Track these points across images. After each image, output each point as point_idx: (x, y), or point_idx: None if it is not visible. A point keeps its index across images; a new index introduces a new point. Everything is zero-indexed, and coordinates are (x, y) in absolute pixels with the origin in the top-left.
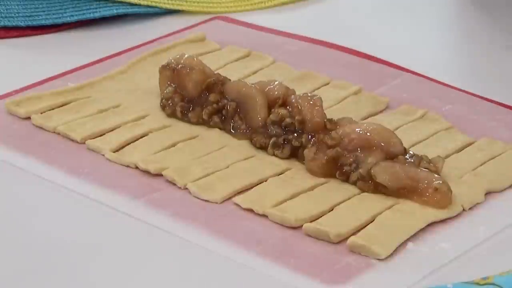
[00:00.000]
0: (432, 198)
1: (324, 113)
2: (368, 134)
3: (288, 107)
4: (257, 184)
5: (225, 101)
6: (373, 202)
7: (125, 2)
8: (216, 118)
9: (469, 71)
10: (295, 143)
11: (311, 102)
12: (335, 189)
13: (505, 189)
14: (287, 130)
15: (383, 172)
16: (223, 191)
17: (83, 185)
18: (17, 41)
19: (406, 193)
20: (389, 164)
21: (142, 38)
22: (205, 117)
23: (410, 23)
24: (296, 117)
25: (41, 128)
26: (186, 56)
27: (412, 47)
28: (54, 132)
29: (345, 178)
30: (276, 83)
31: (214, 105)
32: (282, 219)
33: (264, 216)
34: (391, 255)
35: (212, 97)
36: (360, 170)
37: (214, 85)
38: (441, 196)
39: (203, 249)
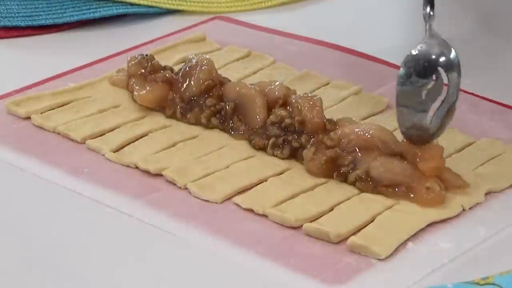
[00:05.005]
0: (426, 197)
1: (324, 114)
2: (367, 135)
3: (288, 107)
4: (257, 184)
5: (223, 103)
6: (373, 202)
7: (125, 2)
8: (214, 120)
9: (469, 71)
10: (295, 144)
11: (311, 103)
12: (335, 189)
13: (505, 189)
14: (287, 130)
15: (379, 166)
16: (223, 191)
17: (83, 185)
18: (17, 41)
19: (402, 193)
20: (387, 160)
21: (142, 38)
22: (203, 120)
23: (410, 23)
24: (296, 118)
25: (41, 128)
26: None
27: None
28: (54, 132)
29: (343, 179)
30: (276, 83)
31: (212, 108)
32: (282, 219)
33: (264, 216)
34: (391, 255)
35: (209, 101)
36: (358, 171)
37: (214, 87)
38: (434, 195)
39: (203, 249)
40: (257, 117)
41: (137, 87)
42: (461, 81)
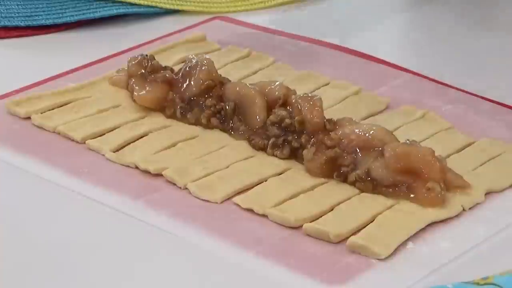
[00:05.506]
0: (426, 197)
1: (323, 114)
2: (367, 135)
3: (288, 107)
4: (257, 184)
5: (223, 103)
6: (373, 202)
7: (125, 2)
8: (214, 120)
9: (469, 71)
10: (295, 144)
11: (311, 103)
12: (335, 189)
13: (505, 189)
14: (287, 130)
15: (380, 166)
16: (223, 191)
17: (83, 185)
18: (17, 41)
19: (402, 193)
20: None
21: (142, 38)
22: (203, 120)
23: (410, 23)
24: (296, 118)
25: (41, 128)
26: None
27: (412, 47)
28: (54, 132)
29: (343, 179)
30: (277, 83)
31: (212, 108)
32: (282, 219)
33: (264, 216)
34: (391, 255)
35: (209, 101)
36: (358, 171)
37: (214, 87)
38: (435, 195)
39: (203, 249)
40: (257, 117)
41: (136, 88)
42: (462, 81)
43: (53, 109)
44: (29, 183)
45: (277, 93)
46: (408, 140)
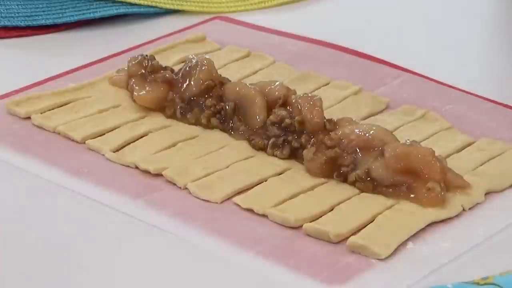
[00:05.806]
0: (426, 197)
1: (323, 114)
2: (367, 135)
3: (288, 107)
4: (257, 184)
5: (223, 103)
6: (373, 202)
7: (125, 2)
8: (214, 120)
9: (470, 71)
10: (295, 144)
11: (311, 103)
12: (335, 189)
13: (505, 189)
14: (287, 130)
15: (380, 167)
16: (223, 191)
17: (83, 185)
18: (17, 41)
19: (402, 193)
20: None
21: (142, 38)
22: (203, 120)
23: (410, 23)
24: (296, 118)
25: (41, 128)
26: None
27: (412, 47)
28: (54, 132)
29: (343, 179)
30: (277, 83)
31: (212, 108)
32: (282, 219)
33: (264, 216)
34: (391, 255)
35: (209, 101)
36: (358, 171)
37: (214, 87)
38: (435, 195)
39: (203, 249)
40: (257, 117)
41: (136, 88)
42: (462, 81)
43: (53, 109)
44: (29, 183)
45: (277, 93)
46: (408, 140)
